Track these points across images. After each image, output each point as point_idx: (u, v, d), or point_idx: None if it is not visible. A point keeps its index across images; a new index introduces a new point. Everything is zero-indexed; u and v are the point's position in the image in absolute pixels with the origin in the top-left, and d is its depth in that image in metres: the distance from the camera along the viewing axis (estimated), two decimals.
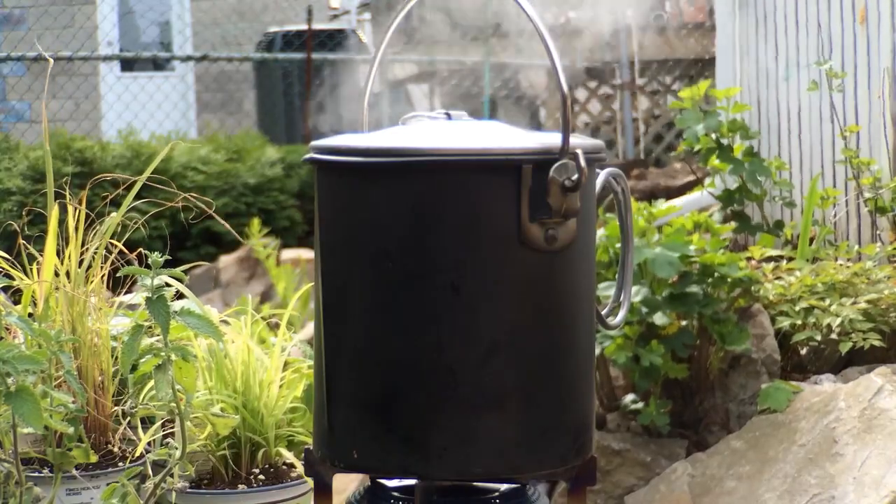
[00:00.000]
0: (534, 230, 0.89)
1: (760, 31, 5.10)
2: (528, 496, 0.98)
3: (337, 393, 0.93)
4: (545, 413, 0.91)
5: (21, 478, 1.23)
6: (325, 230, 0.94)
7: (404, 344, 0.90)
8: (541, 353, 0.91)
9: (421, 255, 0.89)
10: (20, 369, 1.15)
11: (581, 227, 0.91)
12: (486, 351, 0.89)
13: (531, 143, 0.92)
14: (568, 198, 0.89)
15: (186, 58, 10.04)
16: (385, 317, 0.90)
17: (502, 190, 0.89)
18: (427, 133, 0.94)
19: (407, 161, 0.89)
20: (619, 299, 1.04)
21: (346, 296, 0.92)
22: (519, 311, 0.90)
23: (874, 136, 4.09)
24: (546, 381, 0.91)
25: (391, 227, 0.90)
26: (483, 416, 0.90)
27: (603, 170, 0.99)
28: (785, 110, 4.94)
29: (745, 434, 2.87)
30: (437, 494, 0.94)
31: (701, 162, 3.95)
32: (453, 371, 0.89)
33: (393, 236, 0.90)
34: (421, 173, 0.89)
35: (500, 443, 0.90)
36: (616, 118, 8.97)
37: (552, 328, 0.92)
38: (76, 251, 1.41)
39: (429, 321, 0.89)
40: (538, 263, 0.90)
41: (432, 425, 0.90)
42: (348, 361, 0.92)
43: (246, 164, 8.61)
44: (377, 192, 0.90)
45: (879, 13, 4.13)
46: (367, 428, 0.91)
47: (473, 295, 0.89)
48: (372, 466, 0.94)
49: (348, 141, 0.94)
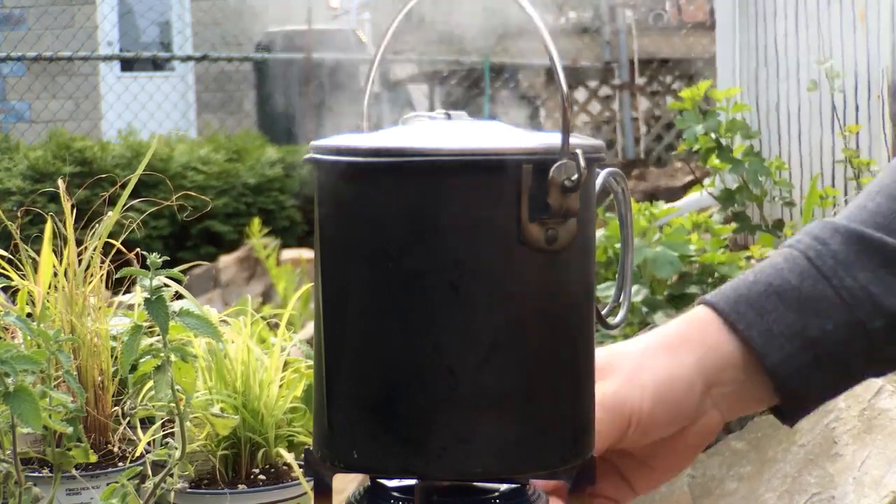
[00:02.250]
0: (534, 230, 0.89)
1: (760, 31, 5.10)
2: (528, 496, 0.98)
3: (337, 393, 0.93)
4: (545, 413, 0.91)
5: (20, 478, 1.23)
6: (325, 230, 0.94)
7: (404, 344, 0.90)
8: (541, 353, 0.91)
9: (420, 255, 0.89)
10: (18, 369, 1.15)
11: (581, 227, 0.91)
12: (486, 351, 0.89)
13: (531, 143, 0.91)
14: (568, 198, 0.89)
15: (186, 58, 10.05)
16: (385, 317, 0.90)
17: (502, 190, 0.89)
18: (427, 133, 0.93)
19: (407, 161, 0.89)
20: (619, 299, 1.04)
21: (345, 296, 0.92)
22: (519, 311, 0.90)
23: (874, 136, 4.09)
24: (546, 381, 0.91)
25: (391, 227, 0.89)
26: (483, 416, 0.89)
27: (603, 170, 0.99)
28: (785, 110, 4.94)
29: (746, 434, 2.87)
30: (437, 494, 0.94)
31: (701, 162, 3.95)
32: (453, 371, 0.89)
33: (392, 236, 0.89)
34: (421, 173, 0.89)
35: (500, 443, 0.90)
36: (616, 118, 8.97)
37: (552, 328, 0.91)
38: (74, 250, 1.41)
39: (428, 321, 0.89)
40: (538, 263, 0.90)
41: (432, 425, 0.89)
42: (348, 361, 0.92)
43: (246, 164, 8.62)
44: (377, 192, 0.90)
45: (879, 13, 4.13)
46: (367, 428, 0.91)
47: (473, 295, 0.89)
48: (372, 466, 0.93)
49: (348, 141, 0.93)
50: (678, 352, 1.03)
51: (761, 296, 1.04)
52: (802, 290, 1.03)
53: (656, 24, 9.40)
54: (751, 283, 1.05)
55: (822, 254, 1.05)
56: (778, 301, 1.03)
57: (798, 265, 1.05)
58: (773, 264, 1.06)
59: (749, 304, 1.04)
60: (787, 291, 1.04)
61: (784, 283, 1.04)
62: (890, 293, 1.03)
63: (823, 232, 1.06)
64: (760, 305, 1.03)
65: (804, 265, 1.05)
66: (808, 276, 1.04)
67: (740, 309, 1.04)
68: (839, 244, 1.05)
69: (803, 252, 1.05)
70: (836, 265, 1.04)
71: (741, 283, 1.06)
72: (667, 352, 1.04)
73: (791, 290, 1.03)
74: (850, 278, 1.03)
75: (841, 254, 1.04)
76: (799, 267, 1.05)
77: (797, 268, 1.05)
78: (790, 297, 1.03)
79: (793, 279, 1.04)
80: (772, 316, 1.03)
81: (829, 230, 1.06)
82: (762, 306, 1.03)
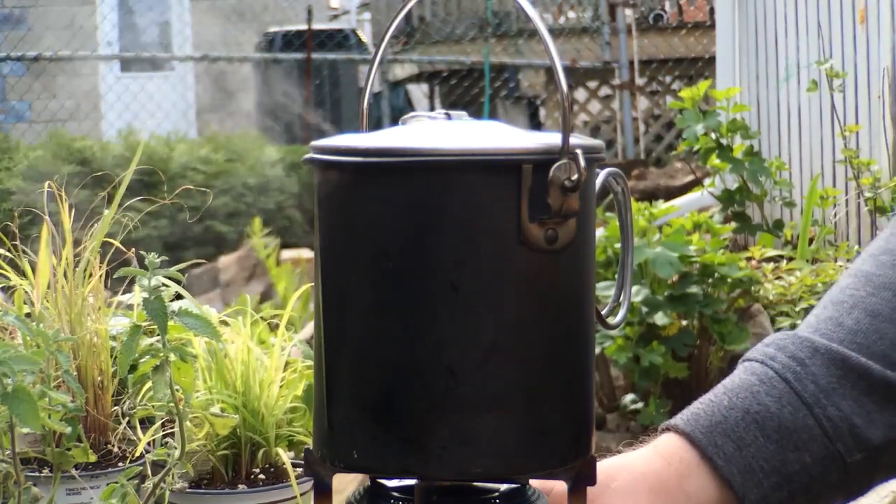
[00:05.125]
0: (534, 230, 0.89)
1: (760, 31, 5.10)
2: (528, 496, 0.98)
3: (336, 393, 0.93)
4: (545, 413, 0.91)
5: (20, 478, 1.23)
6: (325, 230, 0.94)
7: (404, 344, 0.90)
8: (541, 353, 0.91)
9: (420, 255, 0.89)
10: (17, 369, 1.15)
11: (581, 227, 0.91)
12: (486, 351, 0.89)
13: (531, 143, 0.91)
14: (568, 198, 0.89)
15: (186, 58, 10.05)
16: (384, 317, 0.90)
17: (502, 190, 0.89)
18: (427, 133, 0.93)
19: (407, 161, 0.89)
20: (619, 299, 1.04)
21: (345, 296, 0.92)
22: (519, 311, 0.90)
23: (874, 136, 4.10)
24: (546, 381, 0.91)
25: (391, 227, 0.89)
26: (483, 416, 0.89)
27: (603, 170, 0.99)
28: (785, 110, 4.94)
29: None
30: (437, 494, 0.94)
31: (701, 162, 3.95)
32: (453, 371, 0.89)
33: (392, 236, 0.89)
34: (420, 173, 0.89)
35: (500, 443, 0.90)
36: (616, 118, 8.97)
37: (552, 328, 0.91)
38: (72, 250, 1.40)
39: (428, 321, 0.89)
40: (538, 263, 0.90)
41: (432, 425, 0.89)
42: (348, 361, 0.92)
43: (246, 164, 8.62)
44: (377, 192, 0.90)
45: (879, 13, 4.13)
46: (367, 428, 0.91)
47: (473, 295, 0.89)
48: (372, 466, 0.93)
49: (348, 141, 0.93)
50: (657, 499, 0.99)
51: (739, 425, 0.99)
52: (782, 418, 0.98)
53: (656, 24, 9.40)
54: (726, 409, 1.00)
55: (802, 377, 0.99)
56: (757, 432, 0.99)
57: (776, 389, 1.00)
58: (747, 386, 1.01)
59: (727, 434, 0.99)
60: (767, 420, 0.99)
61: (763, 410, 0.99)
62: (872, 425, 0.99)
63: (801, 350, 1.01)
64: (739, 437, 0.99)
65: (783, 389, 0.99)
66: (788, 403, 0.99)
67: (717, 441, 0.99)
68: (819, 367, 1.00)
69: (780, 374, 1.00)
70: (818, 392, 0.99)
71: (716, 409, 1.00)
72: (647, 499, 0.99)
73: (770, 419, 0.99)
74: (833, 407, 0.98)
75: (822, 378, 0.99)
76: (777, 391, 1.00)
77: (775, 391, 1.00)
78: (769, 427, 0.98)
79: (772, 405, 0.99)
80: (750, 449, 0.98)
81: (808, 349, 1.01)
82: (741, 437, 0.99)
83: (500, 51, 9.51)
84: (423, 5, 9.98)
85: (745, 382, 1.02)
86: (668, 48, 9.21)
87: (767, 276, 3.35)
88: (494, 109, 9.58)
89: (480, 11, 9.75)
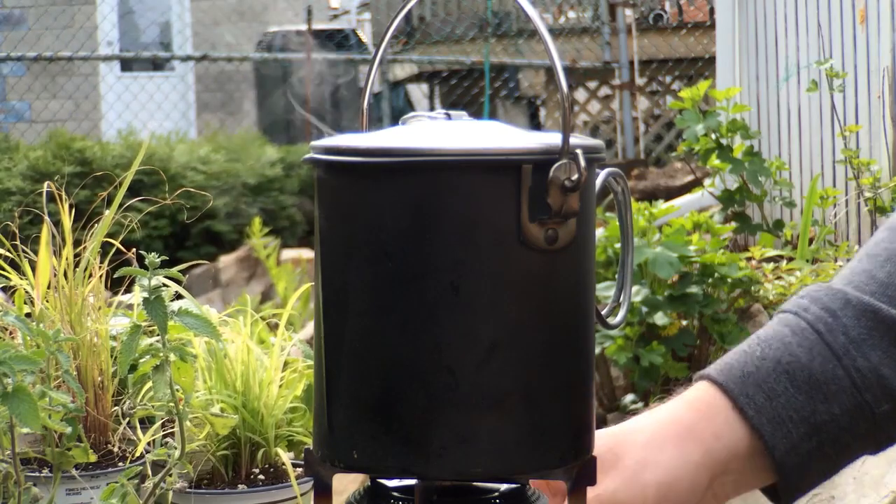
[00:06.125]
0: (534, 230, 0.89)
1: (760, 31, 5.10)
2: (528, 496, 0.98)
3: (337, 393, 0.93)
4: (545, 413, 0.91)
5: (20, 478, 1.23)
6: (325, 230, 0.94)
7: (404, 344, 0.90)
8: (541, 353, 0.91)
9: (420, 255, 0.89)
10: (17, 369, 1.15)
11: (581, 227, 0.91)
12: (486, 351, 0.89)
13: (531, 143, 0.91)
14: (568, 198, 0.89)
15: (186, 58, 10.05)
16: (384, 317, 0.90)
17: (502, 190, 0.89)
18: (427, 133, 0.93)
19: (407, 161, 0.89)
20: (619, 299, 1.04)
21: (345, 295, 0.92)
22: (519, 311, 0.90)
23: (874, 136, 4.10)
24: (546, 381, 0.91)
25: (391, 227, 0.89)
26: (483, 416, 0.89)
27: (603, 170, 0.99)
28: (785, 110, 4.94)
29: None
30: (437, 494, 0.94)
31: (701, 162, 3.95)
32: (453, 371, 0.89)
33: (392, 236, 0.89)
34: (421, 173, 0.89)
35: (500, 443, 0.90)
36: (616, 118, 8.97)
37: (552, 328, 0.91)
38: (72, 250, 1.40)
39: (428, 321, 0.89)
40: (538, 263, 0.90)
41: (432, 425, 0.89)
42: (348, 361, 0.92)
43: (246, 164, 8.62)
44: (377, 192, 0.90)
45: (879, 13, 4.14)
46: (367, 428, 0.91)
47: (473, 295, 0.89)
48: (372, 466, 0.93)
49: (348, 141, 0.93)
50: (685, 445, 1.01)
51: (770, 375, 1.01)
52: (813, 369, 1.00)
53: (656, 24, 9.40)
54: (758, 360, 1.02)
55: (833, 328, 1.01)
56: (788, 382, 1.00)
57: (808, 340, 1.02)
58: (780, 337, 1.03)
59: (758, 385, 1.01)
60: (797, 371, 1.01)
61: (794, 361, 1.01)
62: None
63: (833, 302, 1.03)
64: (770, 387, 1.01)
65: (814, 340, 1.01)
66: (819, 354, 1.01)
67: (749, 391, 1.01)
68: (850, 319, 1.01)
69: (812, 325, 1.02)
70: (848, 343, 1.01)
71: (748, 359, 1.02)
72: (674, 444, 1.01)
73: (801, 370, 1.01)
74: (862, 358, 1.00)
75: (853, 330, 1.01)
76: (809, 342, 1.02)
77: (807, 342, 1.02)
78: (800, 378, 1.00)
79: (803, 356, 1.01)
80: (781, 400, 1.00)
81: (840, 301, 1.03)
82: (772, 388, 1.01)
83: (500, 51, 9.51)
84: (423, 5, 9.98)
85: (777, 333, 1.03)
86: (668, 48, 9.21)
87: (767, 276, 3.36)
88: (494, 109, 9.59)
89: (480, 11, 9.76)
